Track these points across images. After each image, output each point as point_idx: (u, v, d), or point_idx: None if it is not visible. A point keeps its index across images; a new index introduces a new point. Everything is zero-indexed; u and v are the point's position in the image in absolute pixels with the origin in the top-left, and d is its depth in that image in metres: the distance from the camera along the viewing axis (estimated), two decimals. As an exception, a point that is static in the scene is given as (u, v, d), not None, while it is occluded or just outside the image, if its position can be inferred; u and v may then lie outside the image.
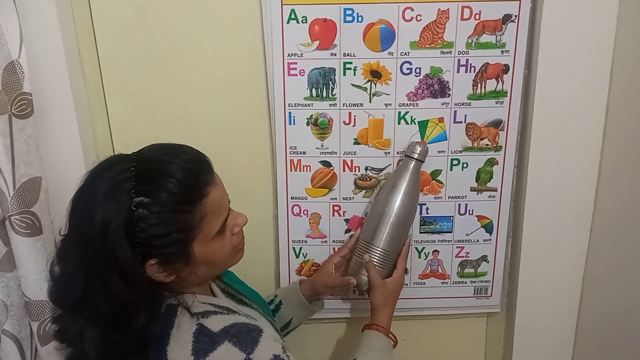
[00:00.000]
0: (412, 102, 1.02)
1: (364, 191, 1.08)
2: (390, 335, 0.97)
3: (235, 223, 0.83)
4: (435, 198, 1.08)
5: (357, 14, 0.97)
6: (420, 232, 1.11)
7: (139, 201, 0.70)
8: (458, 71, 1.01)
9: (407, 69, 1.01)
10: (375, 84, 1.01)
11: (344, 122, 1.04)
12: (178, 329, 0.74)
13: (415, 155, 1.00)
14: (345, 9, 0.97)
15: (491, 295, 1.15)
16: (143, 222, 0.70)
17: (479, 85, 1.01)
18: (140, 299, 0.72)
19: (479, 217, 1.10)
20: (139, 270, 0.72)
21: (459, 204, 1.09)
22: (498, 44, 0.99)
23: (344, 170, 1.07)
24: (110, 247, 0.69)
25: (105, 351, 0.72)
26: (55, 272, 0.77)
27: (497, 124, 1.04)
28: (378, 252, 1.00)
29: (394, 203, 0.99)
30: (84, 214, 0.72)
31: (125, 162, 0.74)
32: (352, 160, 1.06)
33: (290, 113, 1.04)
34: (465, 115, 1.03)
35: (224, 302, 0.86)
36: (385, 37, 0.99)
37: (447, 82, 1.01)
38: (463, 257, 1.13)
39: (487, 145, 1.05)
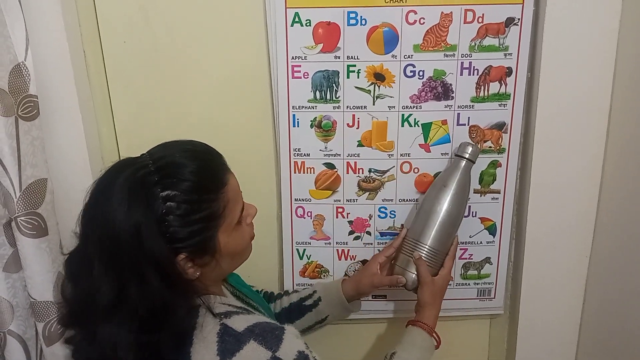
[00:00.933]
0: (415, 105, 1.03)
1: (367, 193, 1.09)
2: (434, 335, 0.96)
3: (248, 213, 0.84)
4: (438, 200, 1.08)
5: (361, 17, 0.98)
6: (424, 234, 1.11)
7: (166, 195, 0.70)
8: (461, 74, 1.01)
9: (411, 71, 1.01)
10: (379, 87, 1.02)
11: (348, 124, 1.04)
12: (201, 330, 0.73)
13: (467, 155, 0.99)
14: (348, 12, 0.98)
15: (494, 297, 1.15)
16: (173, 215, 0.70)
17: (482, 87, 1.02)
18: (177, 294, 0.71)
19: (482, 219, 1.10)
20: (173, 266, 0.71)
21: (462, 206, 1.09)
22: (501, 46, 1.00)
23: (347, 172, 1.07)
24: (146, 245, 0.68)
25: (142, 355, 0.71)
26: (68, 292, 0.76)
27: (500, 127, 1.04)
28: (426, 249, 0.99)
29: (444, 201, 0.99)
30: (106, 219, 0.69)
31: (138, 162, 0.74)
32: (355, 163, 1.07)
33: (294, 115, 1.04)
34: (469, 117, 1.04)
35: (238, 303, 0.86)
36: (389, 40, 0.99)
37: (451, 84, 1.02)
38: (466, 259, 1.13)
39: (490, 147, 1.05)
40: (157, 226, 0.69)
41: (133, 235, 0.68)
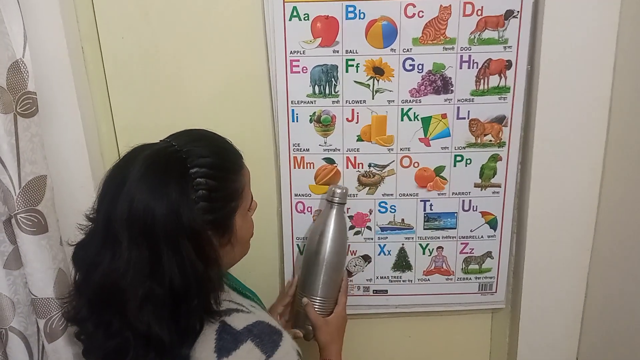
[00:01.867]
0: (415, 99, 1.02)
1: (367, 188, 1.08)
2: None
3: (252, 207, 0.87)
4: (439, 194, 1.08)
5: (359, 10, 0.97)
6: (424, 229, 1.11)
7: (195, 171, 0.72)
8: (461, 67, 1.01)
9: (410, 65, 1.00)
10: (378, 81, 1.01)
11: (347, 119, 1.04)
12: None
13: (336, 199, 1.02)
14: (347, 6, 0.97)
15: (496, 291, 1.15)
16: (202, 190, 0.72)
17: (482, 81, 1.01)
18: (209, 264, 0.72)
19: (483, 213, 1.10)
20: (207, 238, 0.73)
21: (463, 200, 1.09)
22: (500, 39, 0.99)
23: (347, 167, 1.07)
24: (184, 219, 0.69)
25: (176, 331, 0.70)
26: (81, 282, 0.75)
27: (500, 120, 1.04)
28: (318, 300, 1.01)
29: (324, 251, 1.01)
30: (138, 195, 0.69)
31: (159, 144, 0.76)
32: (355, 157, 1.06)
33: (293, 110, 1.04)
34: (469, 111, 1.03)
35: (238, 298, 0.86)
36: (388, 34, 0.99)
37: (450, 78, 1.01)
38: (467, 253, 1.12)
39: (490, 141, 1.05)
40: (191, 200, 0.71)
41: (170, 211, 0.69)
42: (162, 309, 0.70)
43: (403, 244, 1.12)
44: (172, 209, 0.69)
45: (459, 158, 1.06)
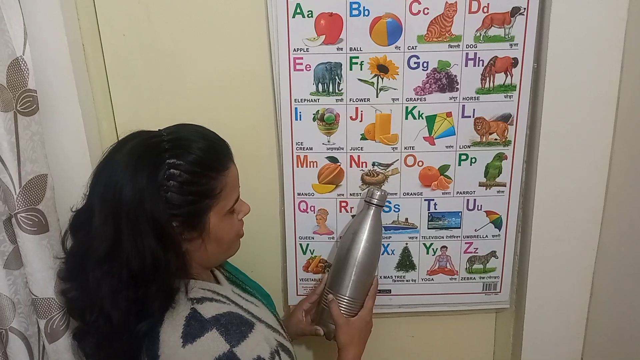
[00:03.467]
0: (419, 97, 1.01)
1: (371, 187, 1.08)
2: None
3: (241, 209, 0.87)
4: (443, 193, 1.07)
5: (364, 7, 0.96)
6: (429, 228, 1.10)
7: (172, 162, 0.75)
8: (466, 65, 0.99)
9: (415, 63, 0.99)
10: (382, 79, 1.00)
11: (351, 117, 1.03)
12: (172, 311, 0.76)
13: (375, 201, 1.01)
14: (351, 3, 0.96)
15: (500, 291, 1.14)
16: (174, 181, 0.75)
17: (488, 79, 1.00)
18: (168, 253, 0.75)
19: (488, 213, 1.09)
20: (169, 228, 0.75)
21: (468, 200, 1.08)
22: (507, 37, 0.98)
23: (350, 166, 1.06)
24: (146, 204, 0.73)
25: (127, 312, 0.74)
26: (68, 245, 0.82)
27: (506, 118, 1.03)
28: (345, 300, 1.00)
29: (357, 251, 0.99)
30: (113, 175, 0.75)
31: (152, 132, 0.80)
32: (359, 156, 1.05)
33: (296, 108, 1.03)
34: (474, 109, 1.02)
35: (227, 290, 0.87)
36: (392, 31, 0.98)
37: (455, 76, 1.00)
38: (472, 252, 1.12)
39: (495, 139, 1.04)
40: (158, 188, 0.74)
41: (136, 193, 0.73)
42: (120, 287, 0.74)
43: (407, 244, 1.11)
44: (139, 193, 0.73)
45: (463, 157, 1.05)
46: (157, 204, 0.73)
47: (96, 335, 0.80)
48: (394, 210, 1.09)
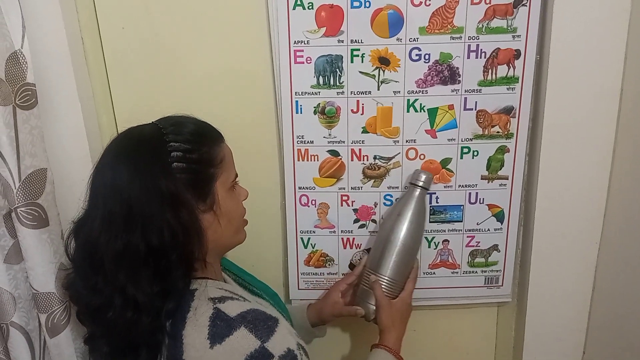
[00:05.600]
0: (421, 89, 1.01)
1: (372, 180, 1.07)
2: (398, 357, 0.95)
3: (241, 192, 0.88)
4: (445, 187, 1.07)
5: (365, -1, 0.96)
6: (430, 222, 1.09)
7: (171, 137, 0.77)
8: (468, 57, 0.99)
9: (416, 55, 0.99)
10: (384, 71, 1.00)
11: (352, 110, 1.02)
12: (195, 312, 0.74)
13: (420, 183, 1.00)
14: (352, -6, 0.95)
15: (502, 285, 1.14)
16: (177, 152, 0.76)
17: (490, 71, 0.99)
18: (185, 220, 0.75)
19: (490, 206, 1.08)
20: (183, 197, 0.75)
21: (470, 193, 1.07)
22: (509, 28, 0.97)
23: (352, 160, 1.06)
24: (161, 182, 0.73)
25: (150, 292, 0.73)
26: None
27: (508, 111, 1.02)
28: (385, 280, 0.99)
29: (400, 231, 0.99)
30: (118, 165, 0.76)
31: (145, 125, 0.81)
32: (360, 149, 1.05)
33: (297, 102, 1.02)
34: (476, 102, 1.01)
35: (238, 290, 0.86)
36: (394, 23, 0.97)
37: (457, 68, 0.99)
38: (473, 246, 1.11)
39: (498, 132, 1.03)
40: (164, 163, 0.75)
41: (144, 171, 0.74)
42: (139, 266, 0.73)
43: (408, 237, 1.11)
44: (147, 170, 0.74)
45: (465, 150, 1.05)
46: (168, 174, 0.74)
47: (110, 339, 0.79)
48: (396, 204, 1.08)
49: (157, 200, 0.73)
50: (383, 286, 0.99)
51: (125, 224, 0.73)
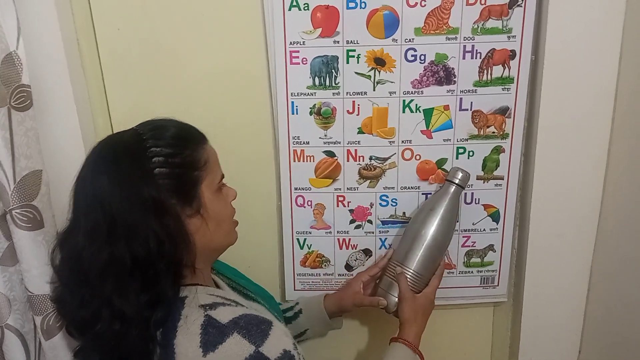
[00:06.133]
0: (417, 90, 1.01)
1: (368, 181, 1.07)
2: (417, 352, 0.94)
3: (228, 193, 0.86)
4: (440, 187, 1.07)
5: (360, 0, 0.95)
6: (426, 222, 1.09)
7: (152, 142, 0.76)
8: (464, 57, 0.99)
9: (412, 55, 0.99)
10: (379, 72, 1.00)
11: (348, 111, 1.02)
12: (185, 320, 0.73)
13: (457, 181, 1.00)
14: (347, -5, 0.95)
15: (498, 285, 1.14)
16: (158, 157, 0.75)
17: (485, 71, 1.00)
18: (171, 229, 0.74)
19: (486, 206, 1.09)
20: (167, 204, 0.74)
21: (465, 193, 1.07)
22: (504, 29, 0.97)
23: (348, 160, 1.06)
24: (143, 189, 0.72)
25: (138, 303, 0.72)
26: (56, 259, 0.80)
27: (503, 111, 1.02)
28: (411, 273, 0.99)
29: (431, 226, 0.98)
30: (99, 174, 0.74)
31: (124, 131, 0.80)
32: (356, 150, 1.05)
33: (292, 102, 1.02)
34: (471, 102, 1.02)
35: (231, 295, 0.85)
36: (389, 24, 0.97)
37: (453, 68, 1.00)
38: (469, 246, 1.11)
39: (493, 132, 1.03)
40: (146, 170, 0.74)
41: (124, 178, 0.73)
42: (125, 277, 0.72)
43: (404, 238, 1.11)
44: (128, 178, 0.73)
45: (461, 150, 1.05)
46: (150, 183, 0.73)
47: (101, 351, 0.78)
48: (392, 205, 1.08)
49: (141, 208, 0.72)
50: (408, 279, 0.98)
51: (108, 236, 0.72)
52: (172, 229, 0.74)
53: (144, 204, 0.72)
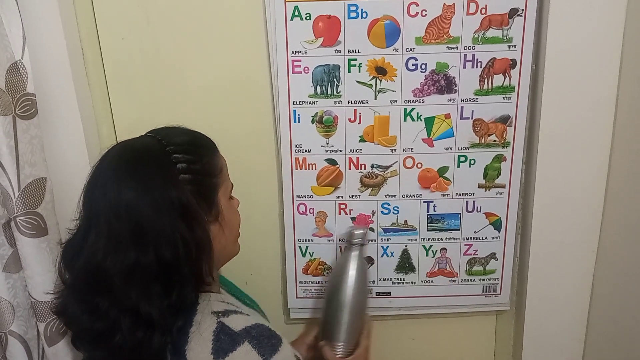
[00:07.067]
0: (418, 99, 1.01)
1: (370, 189, 1.07)
2: None
3: (235, 202, 0.87)
4: (442, 195, 1.07)
5: (362, 9, 0.96)
6: (428, 230, 1.10)
7: (172, 148, 0.76)
8: (464, 66, 0.99)
9: (413, 65, 0.99)
10: (381, 81, 1.00)
11: (349, 119, 1.03)
12: (198, 327, 0.72)
13: (355, 242, 1.01)
14: (349, 5, 0.96)
15: (500, 293, 1.14)
16: (181, 164, 0.75)
17: (486, 80, 1.00)
18: (196, 233, 0.73)
19: (487, 214, 1.09)
20: (194, 208, 0.74)
21: (467, 201, 1.08)
22: (505, 38, 0.98)
23: (349, 168, 1.06)
24: (172, 194, 0.72)
25: (161, 307, 0.70)
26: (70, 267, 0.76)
27: (504, 120, 1.03)
28: (340, 346, 0.98)
29: (345, 293, 0.98)
30: (114, 179, 0.72)
31: (139, 138, 0.80)
32: (357, 158, 1.05)
33: (295, 111, 1.03)
34: (472, 111, 1.02)
35: (237, 303, 0.85)
36: (390, 33, 0.98)
37: (454, 77, 1.00)
38: (471, 254, 1.11)
39: (494, 141, 1.04)
40: (173, 173, 0.74)
41: (152, 185, 0.72)
42: (150, 283, 0.70)
43: (406, 246, 1.11)
44: (156, 183, 0.72)
45: (462, 158, 1.05)
46: (178, 188, 0.73)
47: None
48: (393, 213, 1.09)
49: (169, 213, 0.71)
50: (338, 350, 0.97)
51: (134, 242, 0.70)
52: (199, 234, 0.73)
53: (172, 208, 0.71)
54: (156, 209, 0.71)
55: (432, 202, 1.08)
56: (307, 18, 0.97)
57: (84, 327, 0.74)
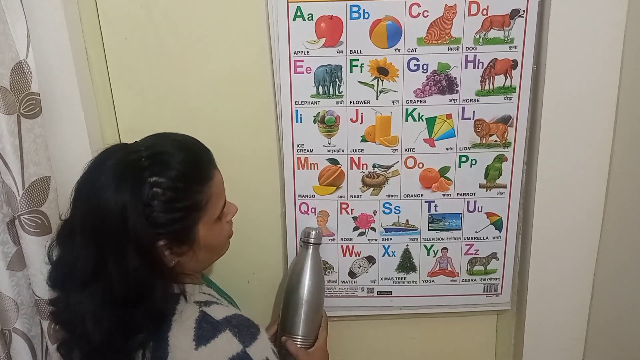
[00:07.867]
0: (419, 99, 1.02)
1: (371, 189, 1.08)
2: None
3: (229, 211, 0.87)
4: (443, 195, 1.08)
5: (364, 10, 0.97)
6: (429, 230, 1.10)
7: (154, 181, 0.73)
8: (466, 67, 1.00)
9: (415, 65, 1.00)
10: (382, 81, 1.01)
11: (351, 119, 1.03)
12: (180, 315, 0.76)
13: (312, 240, 1.05)
14: (351, 6, 0.97)
15: (501, 293, 1.14)
16: (157, 200, 0.73)
17: (487, 81, 1.01)
18: (154, 276, 0.74)
19: (488, 214, 1.09)
20: (153, 249, 0.74)
21: (468, 201, 1.08)
22: (506, 39, 0.98)
23: (351, 168, 1.07)
24: (129, 225, 0.71)
25: (110, 333, 0.73)
26: (54, 256, 0.82)
27: (506, 120, 1.03)
28: (299, 339, 1.01)
29: (302, 290, 1.02)
30: (94, 195, 0.74)
31: (130, 147, 0.79)
32: (359, 158, 1.06)
33: (297, 111, 1.03)
34: (474, 111, 1.02)
35: (218, 297, 0.88)
36: (392, 34, 0.98)
37: (455, 78, 1.00)
38: (472, 254, 1.12)
39: (495, 141, 1.04)
40: (142, 209, 0.72)
41: (118, 214, 0.72)
42: (103, 308, 0.73)
43: (407, 245, 1.11)
44: (122, 214, 0.71)
45: (464, 159, 1.06)
46: (141, 226, 0.72)
47: (83, 349, 0.80)
48: (395, 212, 1.09)
49: (128, 246, 0.72)
50: (298, 343, 1.01)
51: (94, 268, 0.74)
52: (155, 273, 0.74)
53: (131, 243, 0.72)
54: (117, 244, 0.73)
55: (434, 202, 1.08)
56: (310, 18, 0.98)
57: (57, 310, 0.83)
